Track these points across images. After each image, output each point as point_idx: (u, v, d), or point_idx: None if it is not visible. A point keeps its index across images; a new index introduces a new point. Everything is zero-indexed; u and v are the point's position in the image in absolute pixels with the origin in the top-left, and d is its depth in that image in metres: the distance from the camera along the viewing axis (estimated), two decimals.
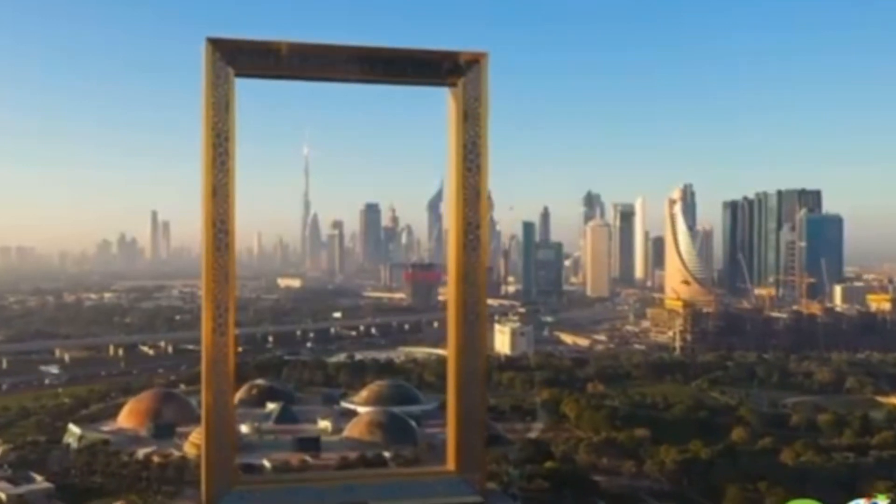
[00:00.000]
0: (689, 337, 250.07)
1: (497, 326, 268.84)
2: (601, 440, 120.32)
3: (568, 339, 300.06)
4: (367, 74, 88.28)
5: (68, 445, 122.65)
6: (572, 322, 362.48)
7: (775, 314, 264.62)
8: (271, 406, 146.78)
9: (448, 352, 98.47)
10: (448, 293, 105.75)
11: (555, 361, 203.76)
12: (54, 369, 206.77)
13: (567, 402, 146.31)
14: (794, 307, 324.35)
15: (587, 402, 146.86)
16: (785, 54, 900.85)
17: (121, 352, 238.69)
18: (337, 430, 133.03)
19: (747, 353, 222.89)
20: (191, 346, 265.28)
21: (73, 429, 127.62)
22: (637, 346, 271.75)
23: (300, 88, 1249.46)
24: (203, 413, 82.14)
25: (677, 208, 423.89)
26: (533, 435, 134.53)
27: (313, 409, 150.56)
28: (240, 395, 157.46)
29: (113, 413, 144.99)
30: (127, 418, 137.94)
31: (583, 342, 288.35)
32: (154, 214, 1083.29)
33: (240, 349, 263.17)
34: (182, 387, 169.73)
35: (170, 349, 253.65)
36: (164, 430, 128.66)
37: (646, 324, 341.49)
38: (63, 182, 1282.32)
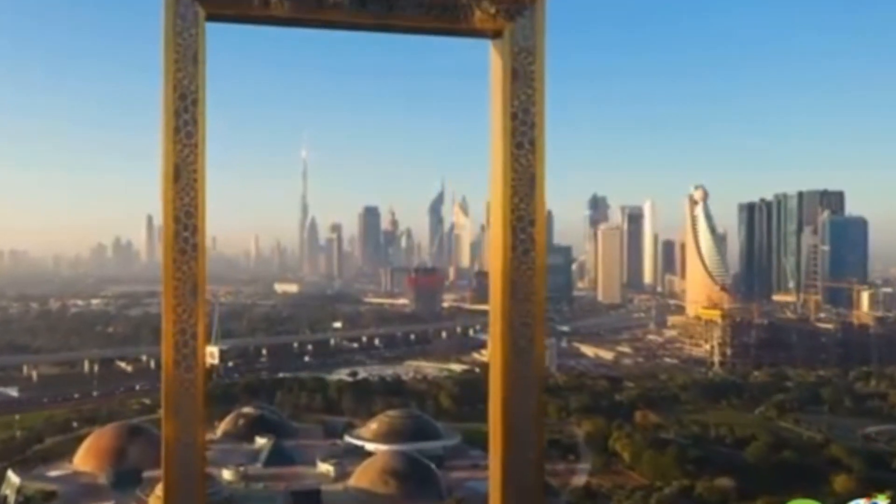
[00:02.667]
0: (728, 351, 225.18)
1: None
2: (675, 492, 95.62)
3: (589, 351, 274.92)
4: (381, 20, 64.08)
5: (4, 499, 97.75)
6: (588, 331, 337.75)
7: (823, 325, 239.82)
8: (261, 441, 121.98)
9: (490, 385, 74.05)
10: (491, 310, 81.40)
11: (587, 381, 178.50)
12: (14, 391, 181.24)
13: (617, 436, 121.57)
14: (820, 315, 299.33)
15: (641, 436, 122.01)
16: (787, 56, 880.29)
17: (96, 368, 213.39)
18: (341, 474, 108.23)
19: (802, 370, 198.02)
20: None
21: (12, 477, 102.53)
22: (668, 360, 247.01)
23: (299, 89, 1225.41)
24: (163, 468, 58.32)
25: (699, 209, 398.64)
26: (581, 480, 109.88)
27: (312, 445, 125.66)
28: (224, 426, 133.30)
29: (72, 450, 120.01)
30: (84, 459, 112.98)
31: (606, 355, 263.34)
32: (150, 218, 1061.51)
33: (230, 363, 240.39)
34: (160, 412, 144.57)
35: (151, 364, 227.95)
36: (126, 476, 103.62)
37: (669, 333, 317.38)
38: (62, 185, 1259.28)
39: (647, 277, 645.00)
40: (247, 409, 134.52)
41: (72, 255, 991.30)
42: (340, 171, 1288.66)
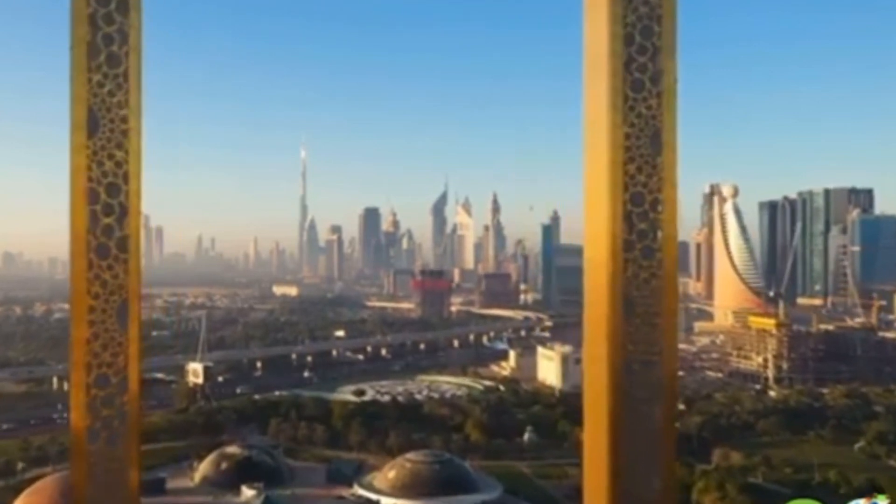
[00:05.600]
0: (784, 364, 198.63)
1: (541, 351, 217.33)
2: None
3: None
4: None
5: None
6: None
7: (888, 334, 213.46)
8: (248, 493, 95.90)
9: (586, 456, 50.99)
10: (586, 338, 55.32)
11: None
12: None
13: (703, 486, 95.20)
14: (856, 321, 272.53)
15: (734, 485, 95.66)
16: (800, 52, 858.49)
17: (66, 386, 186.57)
18: None
19: (876, 388, 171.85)
20: (159, 375, 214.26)
21: None
22: (710, 374, 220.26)
23: (297, 87, 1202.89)
24: None
25: (728, 206, 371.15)
26: None
27: (313, 496, 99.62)
28: (204, 469, 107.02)
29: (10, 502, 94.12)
30: None
31: None
32: (146, 219, 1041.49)
33: (220, 378, 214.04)
34: None
35: None
36: None
37: (701, 341, 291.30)
38: (59, 187, 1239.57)
39: None
40: (231, 449, 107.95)
41: (67, 257, 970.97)
42: (340, 171, 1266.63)
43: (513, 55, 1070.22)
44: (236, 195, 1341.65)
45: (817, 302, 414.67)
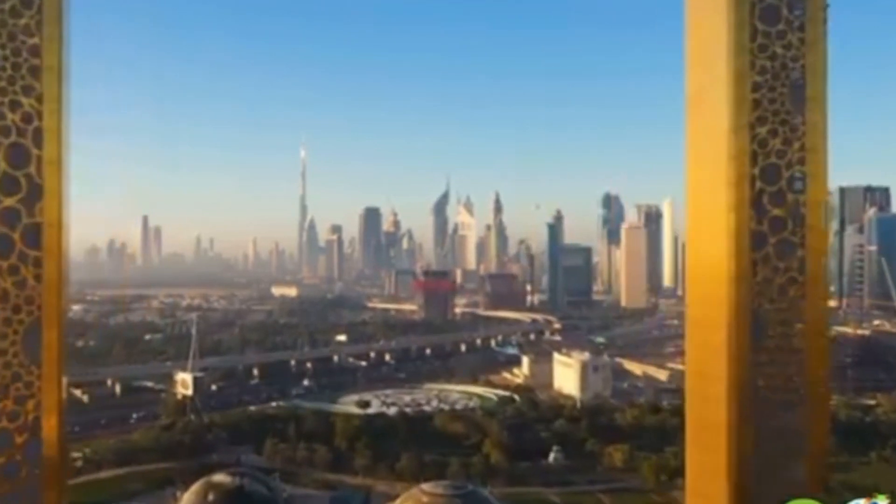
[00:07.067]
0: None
1: (557, 357, 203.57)
2: None
3: (636, 368, 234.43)
4: None
5: None
6: (626, 341, 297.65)
7: None
8: None
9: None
10: (690, 362, 42.34)
11: (667, 417, 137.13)
12: None
13: None
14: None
15: None
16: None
17: None
18: None
19: None
20: (149, 384, 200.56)
21: None
22: None
23: (297, 87, 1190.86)
24: None
25: None
26: None
27: None
28: (188, 502, 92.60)
29: None
30: None
31: (657, 374, 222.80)
32: (145, 219, 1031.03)
33: (213, 387, 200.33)
34: (102, 473, 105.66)
35: (117, 389, 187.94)
36: None
37: None
38: None
39: (667, 280, 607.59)
40: (220, 478, 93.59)
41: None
42: (340, 171, 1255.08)
43: (513, 55, 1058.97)
44: (236, 195, 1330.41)
45: (832, 303, 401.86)
